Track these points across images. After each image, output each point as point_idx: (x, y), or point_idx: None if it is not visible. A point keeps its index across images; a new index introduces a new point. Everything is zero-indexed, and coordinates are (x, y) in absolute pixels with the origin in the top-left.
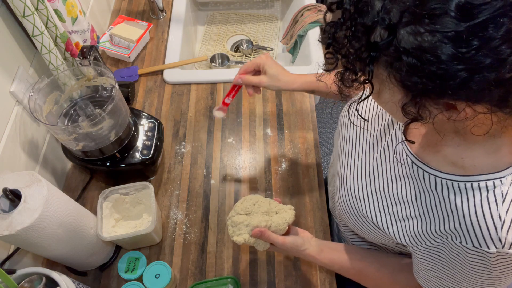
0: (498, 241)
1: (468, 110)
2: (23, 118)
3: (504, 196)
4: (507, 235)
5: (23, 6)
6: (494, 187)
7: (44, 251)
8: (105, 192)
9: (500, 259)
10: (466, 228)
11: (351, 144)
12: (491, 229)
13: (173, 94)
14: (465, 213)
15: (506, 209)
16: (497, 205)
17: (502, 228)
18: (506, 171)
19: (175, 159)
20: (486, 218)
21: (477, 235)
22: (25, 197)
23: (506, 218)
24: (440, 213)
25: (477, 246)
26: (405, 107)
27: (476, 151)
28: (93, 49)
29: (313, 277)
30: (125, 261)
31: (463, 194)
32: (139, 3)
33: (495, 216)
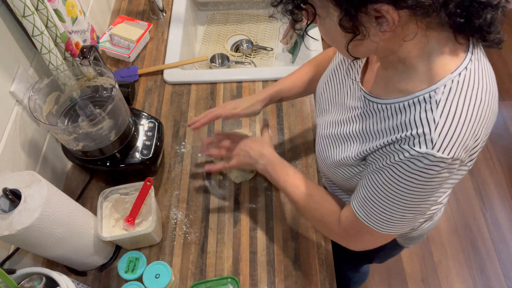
0: (430, 142)
1: (393, 14)
2: (23, 118)
3: (438, 102)
4: (438, 137)
5: (23, 6)
6: (430, 98)
7: (44, 251)
8: (105, 192)
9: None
10: (406, 131)
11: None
12: (426, 130)
13: (173, 94)
14: (407, 121)
15: (439, 114)
16: (432, 110)
17: (435, 129)
18: (439, 83)
19: (175, 159)
20: (422, 121)
21: (413, 134)
22: (25, 197)
23: (439, 121)
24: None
25: (411, 146)
26: (342, 22)
27: (415, 73)
28: (93, 49)
29: (313, 277)
30: (125, 261)
31: (406, 110)
32: (139, 3)
33: (430, 119)
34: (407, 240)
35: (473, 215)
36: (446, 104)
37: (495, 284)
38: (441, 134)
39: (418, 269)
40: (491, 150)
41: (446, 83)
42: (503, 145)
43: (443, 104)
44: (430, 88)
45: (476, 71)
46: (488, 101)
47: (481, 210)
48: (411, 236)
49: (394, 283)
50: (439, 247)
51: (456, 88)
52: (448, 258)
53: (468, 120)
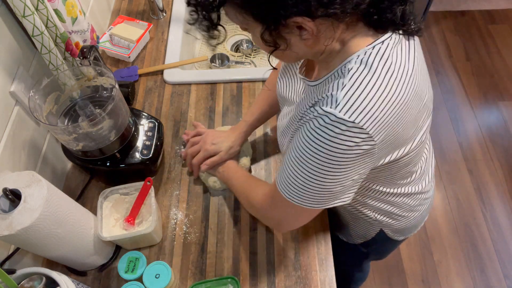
0: (334, 102)
1: (310, 24)
2: (23, 118)
3: (350, 70)
4: (343, 98)
5: (23, 6)
6: (345, 67)
7: (44, 251)
8: (105, 192)
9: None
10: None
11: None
12: (334, 92)
13: (173, 94)
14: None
15: (348, 78)
16: (343, 77)
17: (341, 90)
18: (354, 55)
19: (175, 159)
20: (333, 86)
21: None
22: (25, 197)
23: (347, 84)
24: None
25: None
26: (263, 36)
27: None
28: (93, 49)
29: (313, 277)
30: (125, 261)
31: (327, 83)
32: (139, 3)
33: (340, 83)
34: (396, 232)
35: (473, 215)
36: (357, 71)
37: (495, 284)
38: (346, 95)
39: (418, 269)
40: (491, 150)
41: (360, 53)
42: (503, 145)
43: (354, 70)
44: (345, 61)
45: (394, 47)
46: (403, 78)
47: (481, 210)
48: (398, 228)
49: (394, 283)
50: (439, 247)
51: (368, 58)
52: (448, 258)
53: (376, 89)
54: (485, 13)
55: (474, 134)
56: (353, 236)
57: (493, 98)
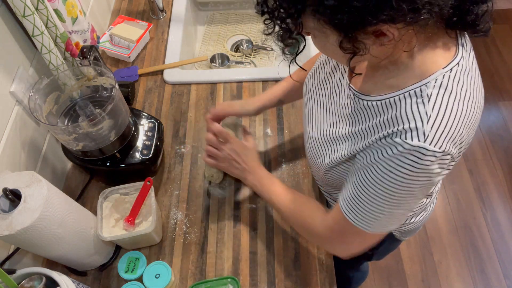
0: (422, 134)
1: (393, 30)
2: (23, 118)
3: (429, 96)
4: (431, 130)
5: (23, 6)
6: (421, 92)
7: (44, 251)
8: (105, 192)
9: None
10: (398, 125)
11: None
12: (418, 122)
13: (173, 94)
14: (398, 115)
15: (431, 107)
16: (424, 104)
17: (428, 122)
18: (430, 77)
19: (175, 159)
20: (414, 115)
21: (405, 128)
22: (25, 197)
23: (431, 114)
24: (378, 125)
25: (403, 139)
26: (342, 44)
27: (405, 70)
28: (93, 49)
29: (313, 277)
30: (125, 261)
31: (397, 104)
32: (139, 3)
33: (422, 112)
34: (403, 233)
35: (473, 215)
36: (438, 98)
37: (495, 284)
38: (433, 127)
39: (418, 269)
40: (491, 150)
41: (438, 77)
42: (503, 145)
43: (435, 97)
44: (421, 82)
45: (467, 68)
46: (475, 97)
47: (481, 210)
48: (407, 229)
49: (394, 283)
50: (439, 247)
51: (447, 83)
52: (448, 258)
53: (459, 115)
54: None
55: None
56: None
57: (493, 98)
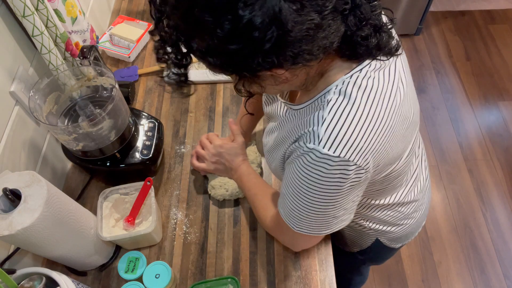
0: (317, 137)
1: (284, 73)
2: (23, 118)
3: (328, 102)
4: (324, 133)
5: (23, 6)
6: (324, 98)
7: (44, 251)
8: (105, 192)
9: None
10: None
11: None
12: (315, 127)
13: (173, 94)
14: (305, 120)
15: (328, 111)
16: (323, 108)
17: (322, 125)
18: (332, 84)
19: (175, 159)
20: (314, 119)
21: (305, 132)
22: (25, 197)
23: (326, 117)
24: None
25: (304, 142)
26: (236, 87)
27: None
28: (93, 49)
29: (313, 277)
30: (125, 261)
31: (307, 112)
32: (139, 3)
33: (320, 116)
34: (392, 241)
35: (473, 215)
36: (336, 103)
37: (495, 284)
38: (327, 130)
39: (418, 270)
40: (491, 150)
41: (338, 83)
42: (503, 145)
43: (333, 103)
44: (325, 90)
45: (374, 74)
46: (385, 103)
47: (481, 210)
48: (395, 236)
49: (394, 284)
50: (439, 247)
51: (346, 89)
52: (448, 258)
53: (357, 121)
54: (485, 13)
55: (474, 134)
56: (349, 245)
57: (493, 98)
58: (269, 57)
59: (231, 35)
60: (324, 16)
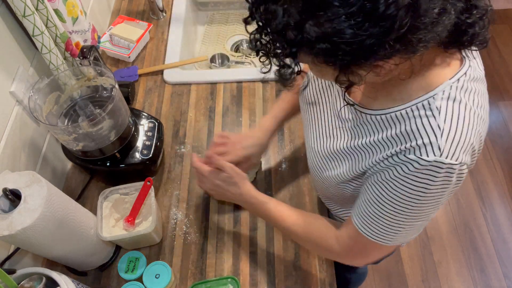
0: (438, 149)
1: (389, 64)
2: (23, 118)
3: (439, 109)
4: (445, 143)
5: (23, 6)
6: (429, 104)
7: (44, 251)
8: (105, 192)
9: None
10: (410, 141)
11: (311, 117)
12: (432, 137)
13: (173, 94)
14: (409, 130)
15: (443, 119)
16: (435, 117)
17: (441, 136)
18: (437, 89)
19: (175, 159)
20: (426, 129)
21: (419, 144)
22: (25, 197)
23: (444, 127)
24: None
25: (418, 156)
26: (338, 79)
27: (410, 83)
28: (93, 49)
29: (313, 277)
30: (125, 261)
31: (405, 118)
32: (139, 3)
33: (435, 126)
34: None
35: (473, 215)
36: (448, 110)
37: (495, 284)
38: (448, 140)
39: (418, 270)
40: (491, 150)
41: (445, 89)
42: (503, 145)
43: (445, 109)
44: (427, 95)
45: (474, 77)
46: (483, 104)
47: (481, 210)
48: None
49: (394, 284)
50: (439, 247)
51: (455, 94)
52: (448, 258)
53: (471, 125)
54: None
55: None
56: None
57: (493, 98)
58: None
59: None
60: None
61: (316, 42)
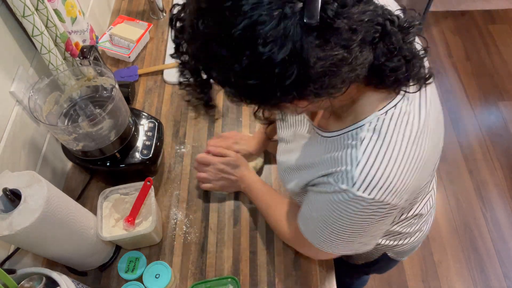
0: (351, 180)
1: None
2: (23, 118)
3: (362, 140)
4: (359, 175)
5: (23, 6)
6: (356, 134)
7: (44, 251)
8: (105, 192)
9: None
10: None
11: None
12: (348, 167)
13: (173, 94)
14: (337, 156)
15: (362, 152)
16: (356, 147)
17: (356, 167)
18: (365, 120)
19: (175, 159)
20: (347, 158)
21: (337, 170)
22: (25, 197)
23: (361, 159)
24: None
25: (336, 181)
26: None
27: (347, 110)
28: (93, 49)
29: (313, 277)
30: (125, 261)
31: (337, 144)
32: (139, 3)
33: (354, 156)
34: (399, 254)
35: (473, 215)
36: (370, 143)
37: (495, 284)
38: (362, 173)
39: (418, 270)
40: (491, 150)
41: (372, 120)
42: (503, 145)
43: (367, 142)
44: (357, 124)
45: (408, 108)
46: (421, 138)
47: (481, 210)
48: (402, 250)
49: (394, 283)
50: (439, 247)
51: (381, 127)
52: (448, 258)
53: (393, 162)
54: (485, 13)
55: (474, 134)
56: (355, 258)
57: (493, 98)
58: (290, 92)
59: (249, 71)
60: (350, 50)
61: (222, 85)
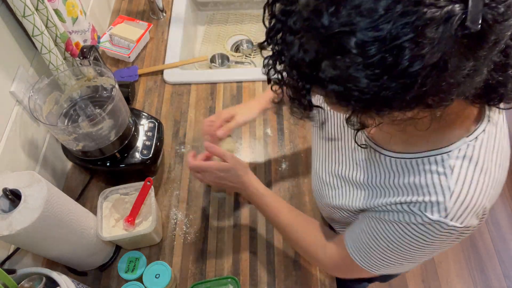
0: (444, 210)
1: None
2: (23, 118)
3: (452, 168)
4: (453, 206)
5: (23, 6)
6: (442, 161)
7: (44, 251)
8: (105, 192)
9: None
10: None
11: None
12: (440, 197)
13: (173, 94)
14: (418, 184)
15: (455, 180)
16: (446, 176)
17: (451, 197)
18: (451, 146)
19: (175, 159)
20: (436, 188)
21: (425, 200)
22: (25, 197)
23: (455, 189)
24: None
25: (423, 211)
26: (348, 120)
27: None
28: (93, 49)
29: (313, 277)
30: (125, 261)
31: (415, 170)
32: (139, 3)
33: (445, 186)
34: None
35: None
36: (462, 171)
37: (495, 284)
38: (457, 203)
39: (418, 270)
40: None
41: (461, 147)
42: None
43: (459, 170)
44: (442, 150)
45: (493, 133)
46: (503, 162)
47: None
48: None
49: (394, 284)
50: None
51: (472, 153)
52: (448, 258)
53: (484, 188)
54: None
55: None
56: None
57: None
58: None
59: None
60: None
61: (329, 82)
